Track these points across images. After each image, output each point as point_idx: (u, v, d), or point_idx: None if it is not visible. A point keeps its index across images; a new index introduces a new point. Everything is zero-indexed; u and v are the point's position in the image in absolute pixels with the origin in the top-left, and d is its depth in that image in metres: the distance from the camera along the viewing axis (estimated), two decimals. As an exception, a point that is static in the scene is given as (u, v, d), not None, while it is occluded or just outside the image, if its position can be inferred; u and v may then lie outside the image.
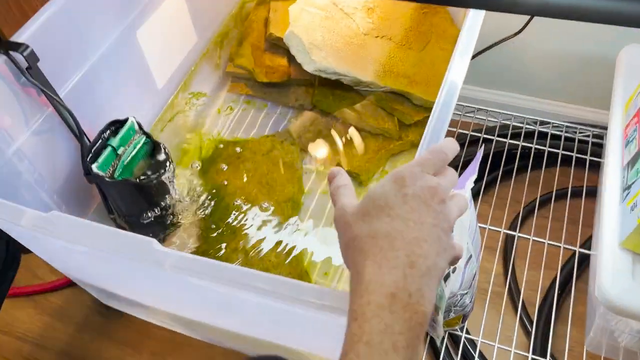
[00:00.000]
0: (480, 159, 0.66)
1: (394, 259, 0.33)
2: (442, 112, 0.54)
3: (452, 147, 0.40)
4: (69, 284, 1.06)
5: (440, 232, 0.35)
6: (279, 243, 0.80)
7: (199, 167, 0.88)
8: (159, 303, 0.73)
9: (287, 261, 0.78)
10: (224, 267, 0.43)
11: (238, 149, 0.90)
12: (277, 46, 0.98)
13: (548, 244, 0.87)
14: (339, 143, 0.89)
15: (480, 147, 0.98)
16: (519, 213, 0.96)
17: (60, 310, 1.03)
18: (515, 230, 0.90)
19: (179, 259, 0.44)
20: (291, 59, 0.98)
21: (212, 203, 0.84)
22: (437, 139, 0.52)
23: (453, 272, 0.63)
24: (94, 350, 0.94)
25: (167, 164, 0.72)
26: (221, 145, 0.91)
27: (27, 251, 0.69)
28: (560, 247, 0.85)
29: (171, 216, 0.80)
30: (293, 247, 0.79)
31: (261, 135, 0.93)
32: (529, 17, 0.91)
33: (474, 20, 0.62)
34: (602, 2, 0.53)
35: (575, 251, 0.85)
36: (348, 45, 0.89)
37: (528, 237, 0.87)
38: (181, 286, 0.53)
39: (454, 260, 0.37)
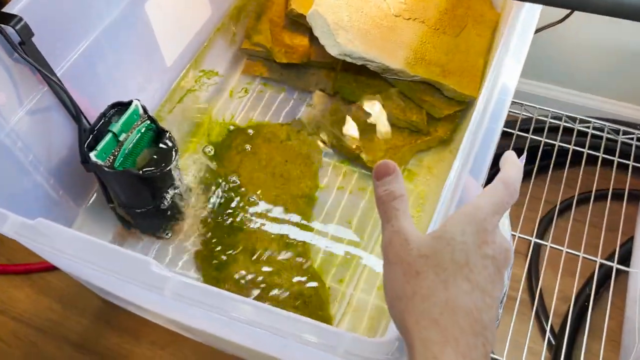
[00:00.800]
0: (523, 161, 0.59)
1: (474, 349, 0.27)
2: (488, 135, 0.46)
3: (519, 177, 0.33)
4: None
5: (493, 308, 0.29)
6: (290, 244, 0.74)
7: (209, 153, 0.81)
8: (160, 311, 0.67)
9: (297, 264, 0.72)
10: (235, 301, 0.37)
11: (251, 135, 0.83)
12: (298, 24, 0.90)
13: (583, 257, 0.81)
14: (359, 134, 0.82)
15: (525, 153, 0.90)
16: (547, 217, 0.89)
17: (59, 291, 0.99)
18: (543, 238, 0.83)
19: (181, 286, 0.38)
20: (313, 38, 0.89)
21: (221, 194, 0.78)
22: (479, 170, 0.44)
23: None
24: (93, 336, 0.89)
25: (173, 153, 0.66)
26: (233, 130, 0.84)
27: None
28: (596, 260, 0.79)
29: (176, 207, 0.73)
30: (306, 248, 0.73)
31: (276, 121, 0.86)
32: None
33: (529, 14, 0.54)
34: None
35: (608, 263, 0.79)
36: (377, 28, 0.80)
37: (561, 248, 0.80)
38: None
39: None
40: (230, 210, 0.76)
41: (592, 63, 0.95)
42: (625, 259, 0.83)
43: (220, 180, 0.79)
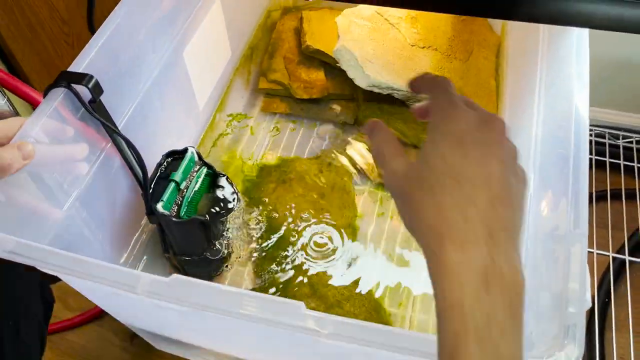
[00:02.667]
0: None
1: (473, 236, 0.28)
2: (582, 162, 0.49)
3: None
4: (89, 320, 0.98)
5: (509, 174, 0.30)
6: (344, 273, 0.75)
7: (245, 194, 0.82)
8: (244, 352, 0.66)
9: (357, 291, 0.73)
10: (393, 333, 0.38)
11: (283, 172, 0.84)
12: (312, 59, 0.93)
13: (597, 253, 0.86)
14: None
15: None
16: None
17: (83, 350, 0.95)
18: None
19: (337, 325, 0.39)
20: (328, 72, 0.92)
21: (265, 232, 0.78)
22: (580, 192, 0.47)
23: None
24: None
25: (234, 197, 0.66)
26: (264, 168, 0.85)
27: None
28: (608, 255, 0.84)
29: (226, 251, 0.73)
30: (359, 278, 0.75)
31: (303, 154, 0.87)
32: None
33: (581, 41, 0.58)
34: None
35: (622, 258, 0.85)
36: (398, 58, 0.84)
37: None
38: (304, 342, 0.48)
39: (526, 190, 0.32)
40: (278, 248, 0.77)
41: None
42: (634, 251, 0.89)
43: (262, 219, 0.79)
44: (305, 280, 0.74)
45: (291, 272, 0.74)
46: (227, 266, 0.75)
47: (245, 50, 0.93)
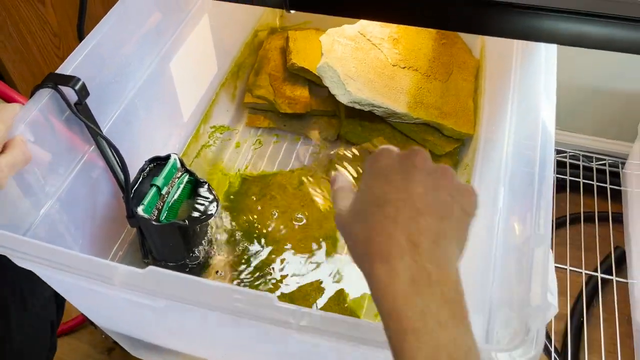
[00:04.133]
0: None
1: (396, 248, 0.32)
2: (546, 180, 0.51)
3: None
4: (66, 333, 0.97)
5: (432, 190, 0.34)
6: (322, 283, 0.76)
7: (227, 205, 0.83)
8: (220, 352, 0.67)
9: (335, 302, 0.74)
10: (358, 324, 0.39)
11: (265, 184, 0.86)
12: (297, 76, 0.96)
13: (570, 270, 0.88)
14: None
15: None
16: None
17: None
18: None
19: (311, 318, 0.40)
20: (312, 89, 0.95)
21: (245, 242, 0.79)
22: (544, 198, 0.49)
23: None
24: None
25: (214, 204, 0.67)
26: (246, 180, 0.87)
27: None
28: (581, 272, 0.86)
29: (205, 258, 0.74)
30: (339, 289, 0.76)
31: (286, 168, 0.89)
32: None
33: (549, 54, 0.62)
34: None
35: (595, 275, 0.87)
36: (379, 76, 0.87)
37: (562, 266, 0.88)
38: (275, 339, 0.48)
39: (473, 204, 0.36)
40: (255, 259, 0.78)
41: (559, 100, 1.06)
42: (609, 270, 0.91)
43: (243, 230, 0.80)
44: (284, 291, 0.75)
45: (270, 283, 0.75)
46: (206, 275, 0.75)
47: (232, 67, 0.96)
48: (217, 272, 0.76)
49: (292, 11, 0.57)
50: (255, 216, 0.82)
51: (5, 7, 0.87)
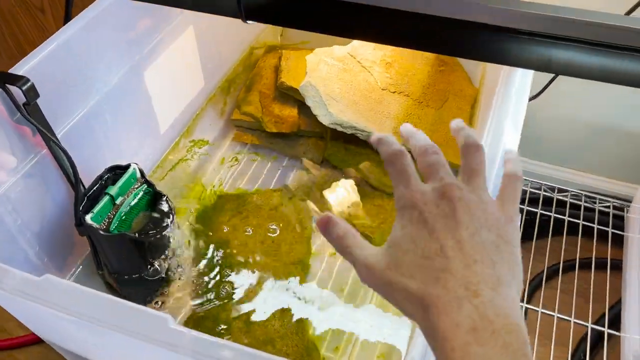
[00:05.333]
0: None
1: (455, 299, 0.31)
2: None
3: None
4: (39, 341, 0.96)
5: (478, 231, 0.33)
6: (284, 310, 0.72)
7: (198, 220, 0.81)
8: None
9: (291, 333, 0.70)
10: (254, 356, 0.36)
11: (242, 202, 0.83)
12: (287, 96, 0.94)
13: (574, 322, 0.81)
14: (350, 201, 0.83)
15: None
16: (529, 289, 0.90)
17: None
18: (538, 305, 0.84)
19: (198, 342, 0.36)
20: (301, 109, 0.93)
21: (211, 260, 0.76)
22: None
23: None
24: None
25: (170, 217, 0.65)
26: (223, 196, 0.84)
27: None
28: (587, 326, 0.79)
29: (166, 273, 0.71)
30: (300, 317, 0.72)
31: (267, 187, 0.87)
32: (547, 81, 0.88)
33: (523, 81, 0.58)
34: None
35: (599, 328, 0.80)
36: (365, 99, 0.84)
37: (552, 313, 0.81)
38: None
39: (517, 234, 0.35)
40: (221, 279, 0.75)
41: (564, 138, 1.01)
42: (614, 323, 0.84)
43: (211, 247, 0.78)
44: (242, 314, 0.71)
45: (229, 304, 0.72)
46: (166, 290, 0.73)
47: (223, 82, 0.94)
48: (179, 282, 0.73)
49: (249, 22, 0.55)
50: (226, 234, 0.79)
51: (4, 17, 0.88)
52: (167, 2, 0.55)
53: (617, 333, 0.77)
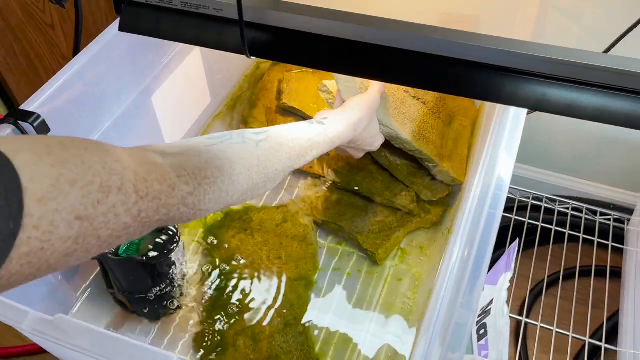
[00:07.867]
0: (515, 253, 0.62)
1: None
2: (490, 220, 0.49)
3: None
4: (39, 351, 0.98)
5: None
6: (290, 326, 0.74)
7: (206, 238, 0.83)
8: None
9: (297, 348, 0.73)
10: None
11: (247, 219, 0.86)
12: (289, 112, 0.95)
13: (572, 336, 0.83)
14: (354, 216, 0.85)
15: (514, 240, 0.92)
16: (531, 297, 0.92)
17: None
18: (530, 315, 0.86)
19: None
20: (306, 124, 0.94)
21: (217, 278, 0.79)
22: (483, 255, 0.47)
23: None
24: None
25: (176, 239, 0.67)
26: (228, 213, 0.86)
27: None
28: (585, 340, 0.81)
29: (175, 292, 0.74)
30: (306, 332, 0.74)
31: (272, 203, 0.89)
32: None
33: (517, 118, 0.59)
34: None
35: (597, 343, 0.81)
36: (391, 97, 0.83)
37: (550, 328, 0.83)
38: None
39: None
40: (228, 295, 0.77)
41: (567, 147, 1.01)
42: (612, 333, 0.85)
43: (218, 264, 0.80)
44: (249, 330, 0.74)
45: (236, 321, 0.74)
46: (175, 308, 0.75)
47: (229, 100, 0.96)
48: (187, 300, 0.76)
49: (253, 57, 0.57)
50: (232, 251, 0.81)
51: (13, 33, 0.90)
52: (175, 39, 0.57)
53: (613, 348, 0.78)
